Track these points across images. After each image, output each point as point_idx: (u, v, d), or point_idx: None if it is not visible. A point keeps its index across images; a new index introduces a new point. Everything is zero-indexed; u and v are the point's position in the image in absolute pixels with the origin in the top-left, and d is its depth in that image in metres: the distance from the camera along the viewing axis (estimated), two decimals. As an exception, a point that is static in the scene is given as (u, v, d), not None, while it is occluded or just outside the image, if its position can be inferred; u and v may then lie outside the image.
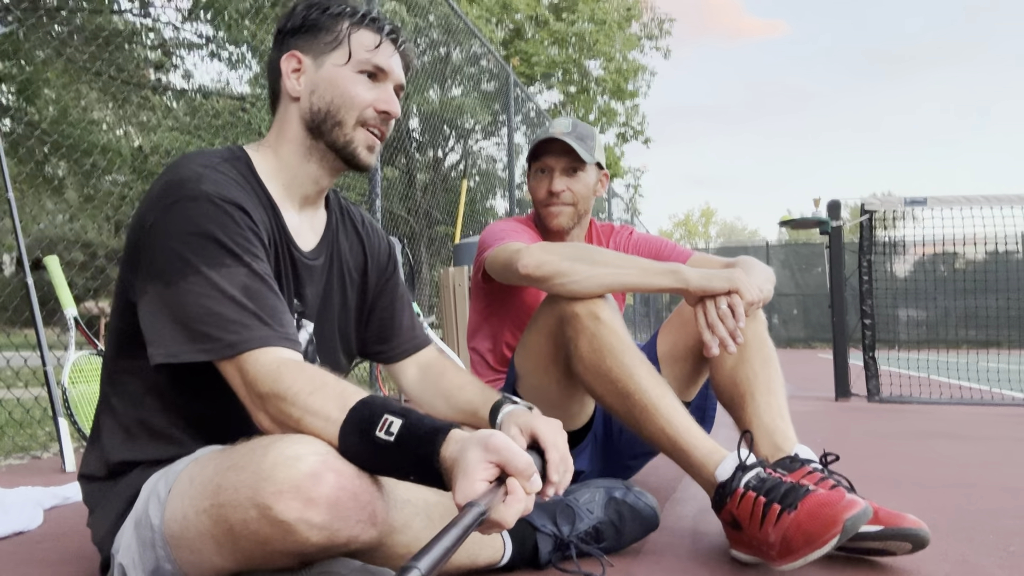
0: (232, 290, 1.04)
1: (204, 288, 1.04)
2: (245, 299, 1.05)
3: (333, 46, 1.23)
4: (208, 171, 1.12)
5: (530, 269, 1.60)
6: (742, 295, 1.53)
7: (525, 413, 1.18)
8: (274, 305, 1.08)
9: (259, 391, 1.02)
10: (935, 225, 5.26)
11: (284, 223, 1.22)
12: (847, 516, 1.17)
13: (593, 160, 1.93)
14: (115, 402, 1.20)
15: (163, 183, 1.11)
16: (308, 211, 1.30)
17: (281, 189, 1.24)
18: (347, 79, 1.23)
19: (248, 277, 1.07)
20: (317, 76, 1.23)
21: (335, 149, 1.24)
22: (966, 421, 3.94)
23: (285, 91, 1.25)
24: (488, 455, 0.90)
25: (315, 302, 1.30)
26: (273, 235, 1.19)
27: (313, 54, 1.24)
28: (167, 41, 9.56)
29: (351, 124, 1.23)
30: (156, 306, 1.06)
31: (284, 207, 1.24)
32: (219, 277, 1.05)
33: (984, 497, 2.00)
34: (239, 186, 1.15)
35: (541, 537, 1.33)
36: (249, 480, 0.94)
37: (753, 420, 1.59)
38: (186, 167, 1.12)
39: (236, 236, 1.08)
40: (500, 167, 13.08)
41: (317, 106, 1.23)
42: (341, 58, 1.23)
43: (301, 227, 1.27)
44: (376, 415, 0.96)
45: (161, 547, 1.06)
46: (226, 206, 1.09)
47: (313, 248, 1.29)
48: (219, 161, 1.16)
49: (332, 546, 0.96)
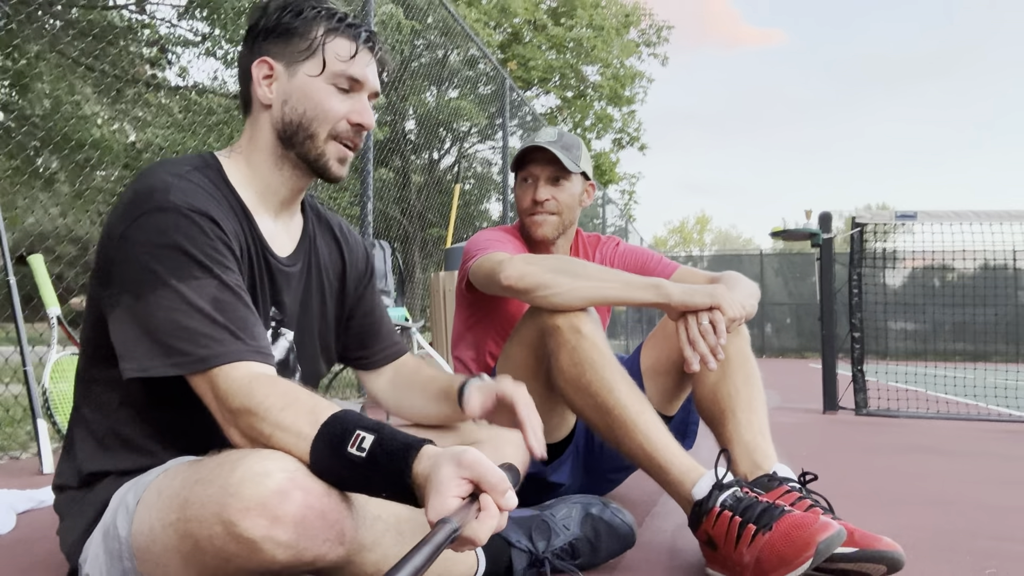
0: (202, 303, 1.03)
1: (174, 302, 1.03)
2: (216, 312, 1.03)
3: (307, 55, 1.20)
4: (177, 180, 1.10)
5: (512, 280, 1.59)
6: (724, 311, 1.53)
7: (491, 382, 1.23)
8: (245, 317, 1.07)
9: (230, 406, 1.01)
10: (925, 239, 5.28)
11: (258, 230, 1.21)
12: (821, 539, 1.17)
13: (578, 169, 1.92)
14: (87, 413, 1.18)
15: (131, 193, 1.09)
16: (284, 217, 1.28)
17: (254, 196, 1.23)
18: (320, 91, 1.20)
19: (218, 289, 1.05)
20: (290, 85, 1.21)
21: (306, 161, 1.23)
22: (952, 436, 3.94)
23: (256, 98, 1.23)
24: (461, 471, 0.89)
25: (294, 309, 1.29)
26: (247, 243, 1.18)
27: (286, 61, 1.21)
28: (162, 38, 9.54)
29: (323, 137, 1.21)
30: (126, 320, 1.05)
31: (258, 214, 1.22)
32: (188, 290, 1.03)
33: (963, 515, 2.00)
34: (209, 195, 1.13)
35: (516, 553, 1.32)
36: (216, 495, 0.92)
37: (733, 437, 1.58)
38: (154, 176, 1.10)
39: (206, 247, 1.07)
40: (495, 171, 13.09)
41: (289, 117, 1.21)
42: (315, 68, 1.20)
43: (277, 233, 1.26)
44: (348, 431, 0.95)
45: (128, 559, 1.05)
46: (195, 216, 1.07)
47: (290, 254, 1.27)
48: (189, 170, 1.14)
49: (298, 564, 0.94)
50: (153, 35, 9.50)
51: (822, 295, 5.04)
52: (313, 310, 1.34)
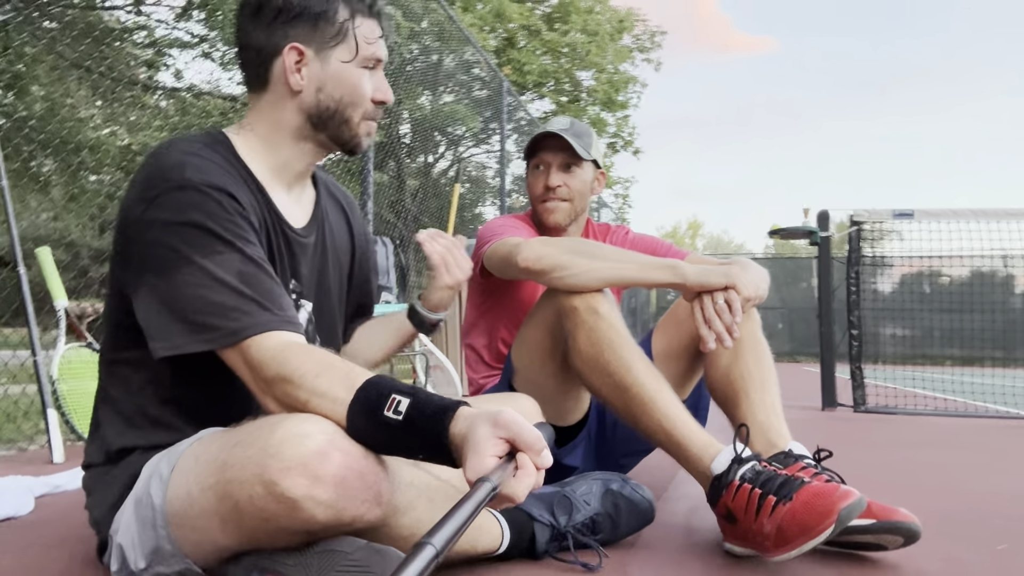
0: (228, 277, 1.04)
1: (199, 278, 1.04)
2: (242, 285, 1.05)
3: (338, 40, 1.21)
4: (190, 158, 1.11)
5: (530, 262, 1.61)
6: (739, 290, 1.55)
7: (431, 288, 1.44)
8: (271, 288, 1.08)
9: (265, 376, 1.02)
10: (921, 240, 5.32)
11: (273, 203, 1.22)
12: (842, 506, 1.19)
13: (590, 157, 1.95)
14: (114, 393, 1.19)
15: (145, 174, 1.10)
16: (296, 189, 1.30)
17: (267, 170, 1.23)
18: (355, 76, 1.23)
19: (242, 263, 1.06)
20: (324, 73, 1.21)
21: (338, 142, 1.26)
22: (950, 431, 3.98)
23: (284, 83, 1.21)
24: (498, 431, 0.90)
25: (312, 280, 1.31)
26: (263, 216, 1.19)
27: (316, 47, 1.20)
28: (158, 40, 9.53)
29: (357, 120, 1.24)
30: (153, 300, 1.06)
31: (271, 187, 1.23)
32: (213, 265, 1.04)
33: (970, 501, 2.03)
34: (223, 170, 1.14)
35: (539, 527, 1.34)
36: (256, 456, 0.94)
37: (748, 417, 1.60)
38: (167, 156, 1.11)
39: (226, 222, 1.08)
40: (491, 174, 13.12)
41: (325, 104, 1.22)
42: (347, 54, 1.21)
43: (290, 205, 1.27)
44: (384, 395, 0.97)
45: (162, 526, 1.06)
46: (213, 192, 1.08)
47: (304, 225, 1.29)
48: (200, 147, 1.15)
49: (337, 524, 0.96)
50: (149, 37, 9.49)
51: (821, 294, 5.08)
52: (329, 280, 1.36)
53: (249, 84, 1.26)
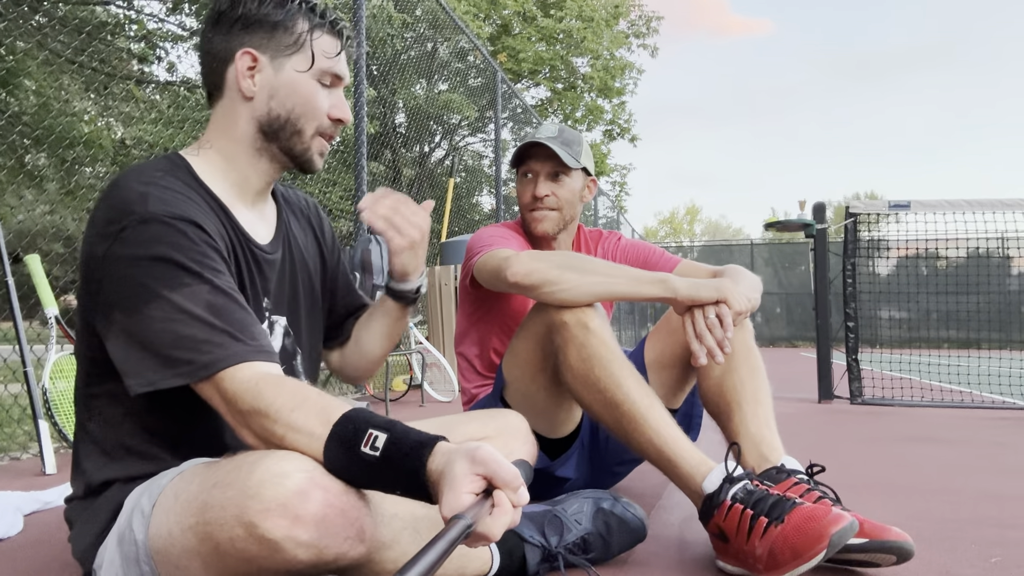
0: (197, 310, 1.03)
1: (168, 312, 1.02)
2: (212, 317, 1.03)
3: (294, 50, 1.20)
4: (152, 188, 1.08)
5: (519, 277, 1.59)
6: (730, 304, 1.54)
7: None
8: (242, 318, 1.06)
9: (240, 408, 1.01)
10: (917, 227, 5.31)
11: (238, 223, 1.20)
12: (834, 531, 1.18)
13: (579, 165, 1.92)
14: (92, 428, 1.18)
15: (106, 208, 1.08)
16: (259, 205, 1.28)
17: (229, 188, 1.22)
18: (309, 88, 1.21)
19: (211, 294, 1.05)
20: (276, 80, 1.20)
21: (289, 155, 1.23)
22: (947, 424, 3.98)
23: (237, 89, 1.20)
24: (475, 467, 0.89)
25: (282, 295, 1.30)
26: (229, 237, 1.17)
27: (271, 54, 1.19)
28: (151, 33, 9.46)
29: (310, 133, 1.22)
30: (123, 337, 1.04)
31: (234, 206, 1.22)
32: (182, 298, 1.02)
33: (966, 504, 2.02)
34: (186, 198, 1.11)
35: (529, 548, 1.33)
36: (235, 498, 0.92)
37: (740, 430, 1.59)
38: (127, 188, 1.08)
39: (193, 253, 1.06)
40: (487, 163, 13.07)
41: (276, 112, 1.20)
42: (303, 64, 1.20)
43: (255, 223, 1.26)
44: (360, 430, 0.95)
45: (146, 562, 1.04)
46: (177, 223, 1.06)
47: (270, 241, 1.28)
48: (160, 175, 1.13)
49: (320, 563, 0.95)
50: (141, 30, 9.42)
51: (816, 285, 5.06)
52: (300, 292, 1.35)
53: (208, 94, 1.25)
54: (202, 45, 1.24)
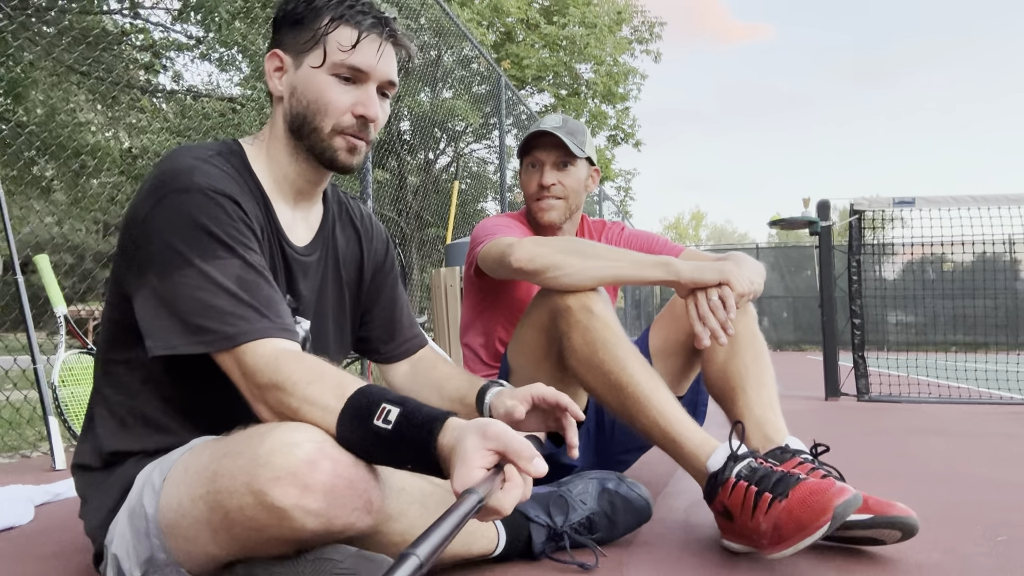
0: (227, 282, 1.04)
1: (199, 281, 1.04)
2: (241, 291, 1.05)
3: (311, 45, 1.18)
4: (200, 163, 1.11)
5: (523, 263, 1.61)
6: (733, 287, 1.55)
7: (513, 390, 1.24)
8: (270, 296, 1.08)
9: (258, 382, 1.02)
10: (923, 227, 5.30)
11: (276, 218, 1.22)
12: (838, 503, 1.18)
13: (584, 154, 1.94)
14: (108, 392, 1.19)
15: (155, 176, 1.11)
16: (303, 206, 1.29)
17: (273, 184, 1.24)
18: (322, 83, 1.18)
19: (242, 269, 1.07)
20: (295, 77, 1.20)
21: (313, 153, 1.22)
22: (954, 418, 3.97)
23: (271, 90, 1.24)
24: (486, 442, 0.90)
25: (310, 298, 1.29)
26: (265, 229, 1.19)
27: (293, 52, 1.20)
28: (156, 42, 9.53)
29: (327, 131, 1.19)
30: (152, 299, 1.06)
31: (277, 202, 1.23)
32: (213, 269, 1.05)
33: (972, 490, 2.02)
34: (231, 179, 1.14)
35: (535, 527, 1.34)
36: (246, 466, 0.94)
37: (744, 413, 1.60)
38: (179, 159, 1.11)
39: (229, 228, 1.08)
40: (491, 170, 13.10)
41: (296, 109, 1.20)
42: (317, 59, 1.19)
43: (295, 222, 1.27)
44: (374, 404, 0.97)
45: (155, 536, 1.06)
46: (218, 198, 1.09)
47: (307, 244, 1.28)
48: (212, 154, 1.16)
49: (328, 533, 0.96)
50: (147, 40, 9.49)
51: (822, 283, 5.06)
52: (329, 300, 1.34)
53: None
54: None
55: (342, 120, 1.19)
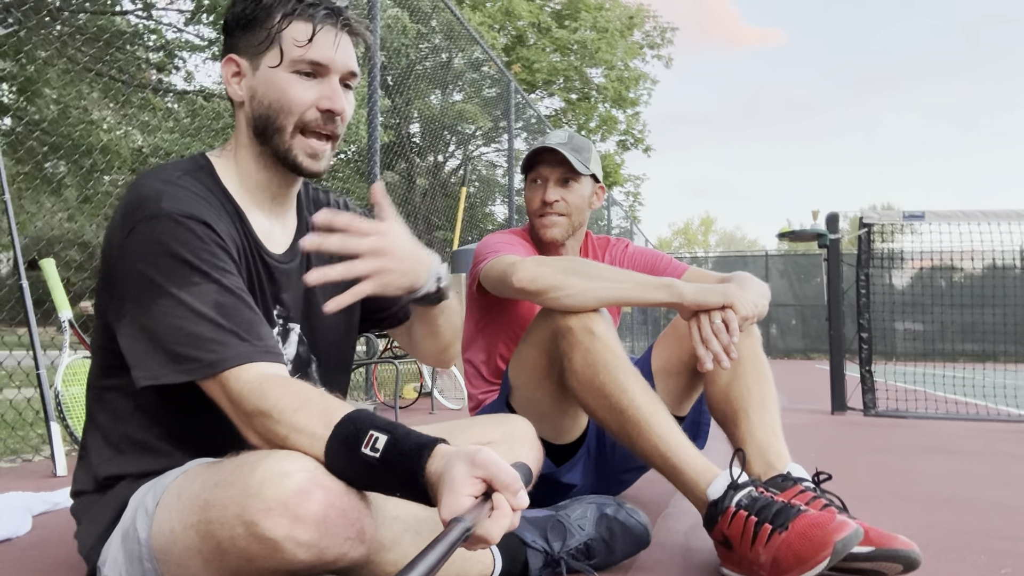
0: (204, 309, 1.04)
1: (176, 309, 1.03)
2: (219, 316, 1.04)
3: (266, 46, 1.17)
4: (167, 187, 1.10)
5: (524, 283, 1.60)
6: (736, 310, 1.53)
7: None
8: (250, 319, 1.07)
9: (244, 409, 1.01)
10: (932, 239, 5.27)
11: (252, 230, 1.20)
12: (838, 538, 1.17)
13: (588, 171, 1.92)
14: (101, 419, 1.19)
15: (125, 204, 1.10)
16: (278, 212, 1.27)
17: (246, 194, 1.22)
18: (282, 81, 1.16)
19: (219, 293, 1.06)
20: (254, 80, 1.18)
21: (278, 157, 1.20)
22: (962, 436, 3.93)
23: (231, 96, 1.22)
24: (474, 470, 0.89)
25: (298, 303, 1.28)
26: (241, 244, 1.18)
27: (249, 55, 1.18)
28: (169, 43, 9.57)
29: (290, 130, 1.17)
30: (133, 330, 1.06)
31: (251, 212, 1.22)
32: (189, 297, 1.04)
33: (977, 515, 2.00)
34: (201, 198, 1.12)
35: (531, 553, 1.32)
36: (237, 497, 0.93)
37: (746, 437, 1.58)
38: (145, 186, 1.10)
39: (202, 252, 1.07)
40: (500, 173, 13.09)
41: (258, 111, 1.19)
42: (274, 59, 1.17)
43: (272, 231, 1.25)
44: (361, 431, 0.96)
45: (148, 560, 1.05)
46: (188, 222, 1.07)
47: (286, 251, 1.27)
48: (180, 175, 1.14)
49: (320, 564, 0.95)
50: (160, 40, 9.53)
51: (829, 296, 5.03)
52: (318, 300, 1.31)
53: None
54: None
55: (306, 115, 1.17)
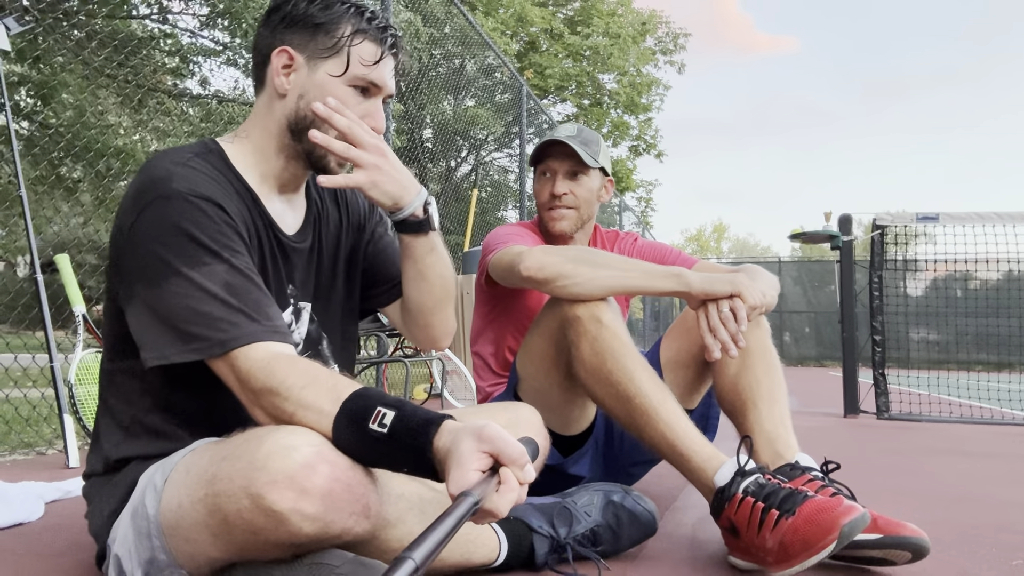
0: (215, 288, 1.05)
1: (186, 289, 1.04)
2: (229, 296, 1.05)
3: (331, 53, 1.20)
4: (179, 168, 1.11)
5: (532, 271, 1.60)
6: (744, 299, 1.53)
7: None
8: (259, 299, 1.08)
9: (252, 387, 1.02)
10: (947, 243, 5.23)
11: (266, 211, 1.22)
12: (845, 521, 1.16)
13: (597, 164, 1.93)
14: (112, 403, 1.21)
15: (135, 186, 1.11)
16: (289, 195, 1.30)
17: (258, 178, 1.24)
18: (339, 92, 1.20)
19: (229, 273, 1.07)
20: (309, 80, 1.20)
21: (310, 157, 1.23)
22: (974, 438, 3.90)
23: (272, 85, 1.23)
24: (481, 445, 0.90)
25: (309, 283, 1.31)
26: (254, 224, 1.19)
27: (308, 54, 1.20)
28: (184, 47, 9.66)
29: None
30: (142, 309, 1.07)
31: (264, 194, 1.23)
32: (200, 276, 1.05)
33: (988, 512, 1.98)
34: (212, 180, 1.14)
35: (537, 538, 1.32)
36: (243, 470, 0.94)
37: (755, 428, 1.58)
38: (157, 166, 1.11)
39: (213, 232, 1.08)
40: (512, 178, 13.11)
41: (303, 112, 1.21)
42: (337, 68, 1.20)
43: (284, 213, 1.27)
44: (369, 407, 0.96)
45: (156, 537, 1.06)
46: (199, 202, 1.08)
47: (298, 231, 1.29)
48: (190, 156, 1.15)
49: (325, 537, 0.95)
50: (175, 45, 9.62)
51: (842, 298, 5.01)
52: (328, 280, 1.35)
53: (254, 85, 1.28)
54: (254, 39, 1.27)
55: None
